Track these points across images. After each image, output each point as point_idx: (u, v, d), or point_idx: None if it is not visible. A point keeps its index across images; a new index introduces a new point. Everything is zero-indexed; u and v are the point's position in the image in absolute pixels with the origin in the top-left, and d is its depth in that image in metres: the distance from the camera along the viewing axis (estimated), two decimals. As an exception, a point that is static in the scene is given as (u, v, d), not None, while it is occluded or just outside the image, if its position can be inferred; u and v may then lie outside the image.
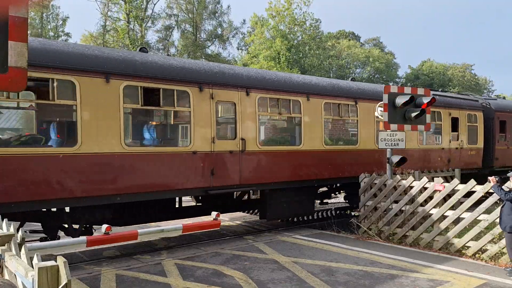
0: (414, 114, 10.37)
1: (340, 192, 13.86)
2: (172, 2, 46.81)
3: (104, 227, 6.57)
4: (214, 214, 7.86)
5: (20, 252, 3.70)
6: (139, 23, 42.38)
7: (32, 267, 3.14)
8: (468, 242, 8.60)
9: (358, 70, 58.60)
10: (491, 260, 8.10)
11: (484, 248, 8.37)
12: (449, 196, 9.16)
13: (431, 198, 9.45)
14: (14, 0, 3.57)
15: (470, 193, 8.70)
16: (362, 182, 10.71)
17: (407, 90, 10.72)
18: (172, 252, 8.83)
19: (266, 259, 8.10)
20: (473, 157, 15.70)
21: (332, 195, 13.76)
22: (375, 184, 10.49)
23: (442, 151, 14.51)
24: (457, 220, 8.89)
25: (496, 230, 8.05)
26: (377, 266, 7.67)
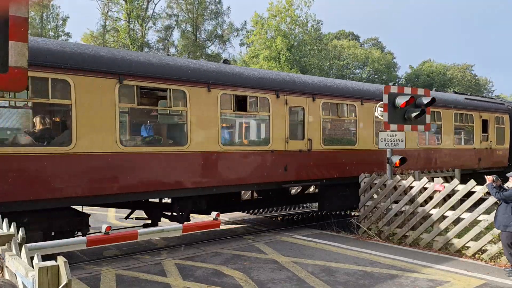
0: (414, 114, 10.40)
1: None
2: (173, 1, 46.83)
3: (104, 227, 6.55)
4: (214, 214, 7.83)
5: (20, 252, 3.70)
6: (139, 23, 42.40)
7: (33, 267, 3.15)
8: (468, 242, 8.62)
9: (358, 70, 58.60)
10: (491, 260, 8.11)
11: (484, 248, 8.38)
12: (449, 196, 9.17)
13: (431, 198, 9.46)
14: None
15: (471, 193, 8.71)
16: (362, 182, 10.73)
17: (407, 90, 10.74)
18: (172, 252, 8.84)
19: (266, 259, 8.11)
20: (500, 156, 16.83)
21: None
22: (375, 184, 10.51)
23: (473, 151, 15.66)
24: (457, 220, 8.90)
25: (496, 231, 8.04)
26: (377, 266, 7.68)
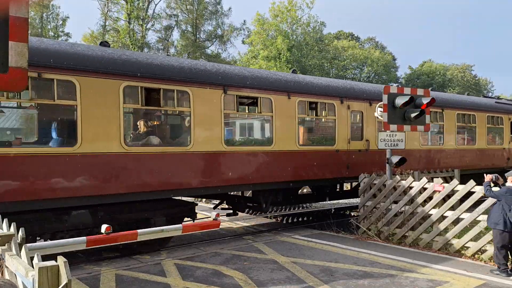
0: (414, 115, 10.41)
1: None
2: (173, 2, 46.80)
3: (104, 227, 6.55)
4: (214, 214, 7.83)
5: (20, 252, 3.71)
6: (140, 23, 42.39)
7: (33, 267, 3.15)
8: (468, 242, 8.62)
9: (357, 71, 58.58)
10: (490, 261, 8.10)
11: (483, 248, 8.38)
12: (448, 196, 9.17)
13: (430, 198, 9.46)
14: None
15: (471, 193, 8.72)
16: (362, 182, 10.73)
17: (407, 90, 10.74)
18: (171, 252, 8.84)
19: (265, 259, 8.12)
20: None
21: None
22: (375, 184, 10.51)
23: (503, 151, 16.94)
24: (456, 221, 8.90)
25: (496, 231, 8.05)
26: (376, 267, 7.68)
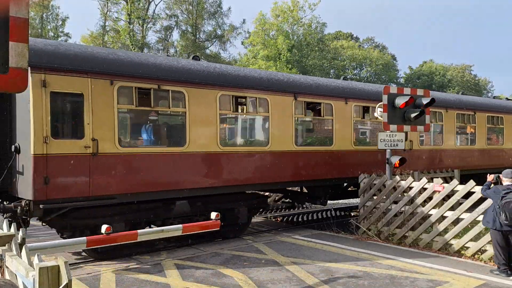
0: (413, 115, 10.42)
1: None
2: (172, 2, 46.78)
3: (104, 227, 6.57)
4: (214, 215, 7.84)
5: (20, 252, 3.71)
6: (140, 24, 42.40)
7: (33, 267, 3.16)
8: (468, 242, 8.62)
9: (356, 71, 58.60)
10: (490, 261, 8.10)
11: (483, 248, 8.38)
12: (448, 196, 9.17)
13: (430, 198, 9.46)
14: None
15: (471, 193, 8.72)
16: (362, 182, 10.73)
17: (407, 91, 10.74)
18: (171, 252, 8.84)
19: (265, 260, 8.12)
20: None
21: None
22: (375, 184, 10.51)
23: None
24: (456, 221, 8.90)
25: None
26: (376, 267, 7.69)
